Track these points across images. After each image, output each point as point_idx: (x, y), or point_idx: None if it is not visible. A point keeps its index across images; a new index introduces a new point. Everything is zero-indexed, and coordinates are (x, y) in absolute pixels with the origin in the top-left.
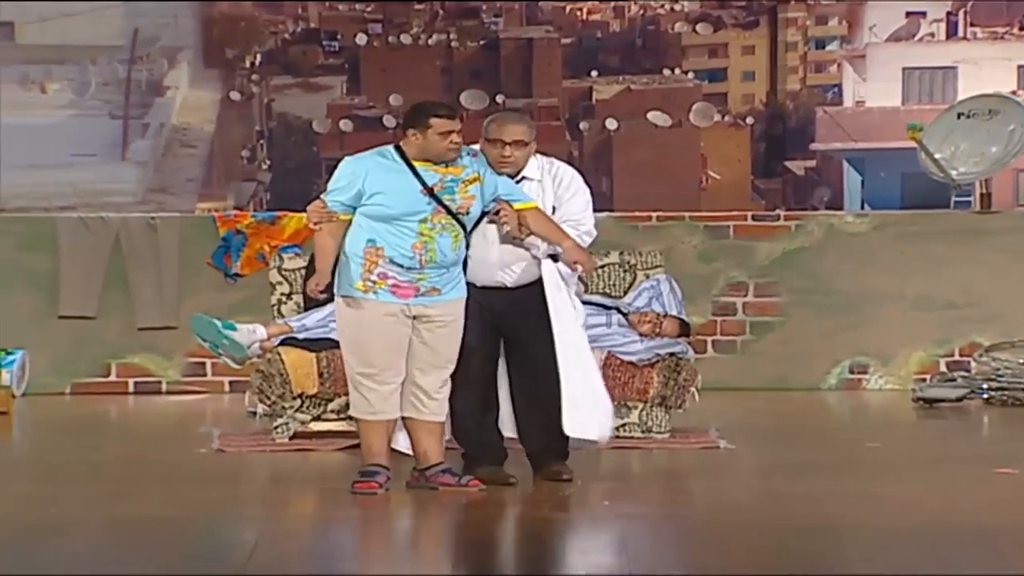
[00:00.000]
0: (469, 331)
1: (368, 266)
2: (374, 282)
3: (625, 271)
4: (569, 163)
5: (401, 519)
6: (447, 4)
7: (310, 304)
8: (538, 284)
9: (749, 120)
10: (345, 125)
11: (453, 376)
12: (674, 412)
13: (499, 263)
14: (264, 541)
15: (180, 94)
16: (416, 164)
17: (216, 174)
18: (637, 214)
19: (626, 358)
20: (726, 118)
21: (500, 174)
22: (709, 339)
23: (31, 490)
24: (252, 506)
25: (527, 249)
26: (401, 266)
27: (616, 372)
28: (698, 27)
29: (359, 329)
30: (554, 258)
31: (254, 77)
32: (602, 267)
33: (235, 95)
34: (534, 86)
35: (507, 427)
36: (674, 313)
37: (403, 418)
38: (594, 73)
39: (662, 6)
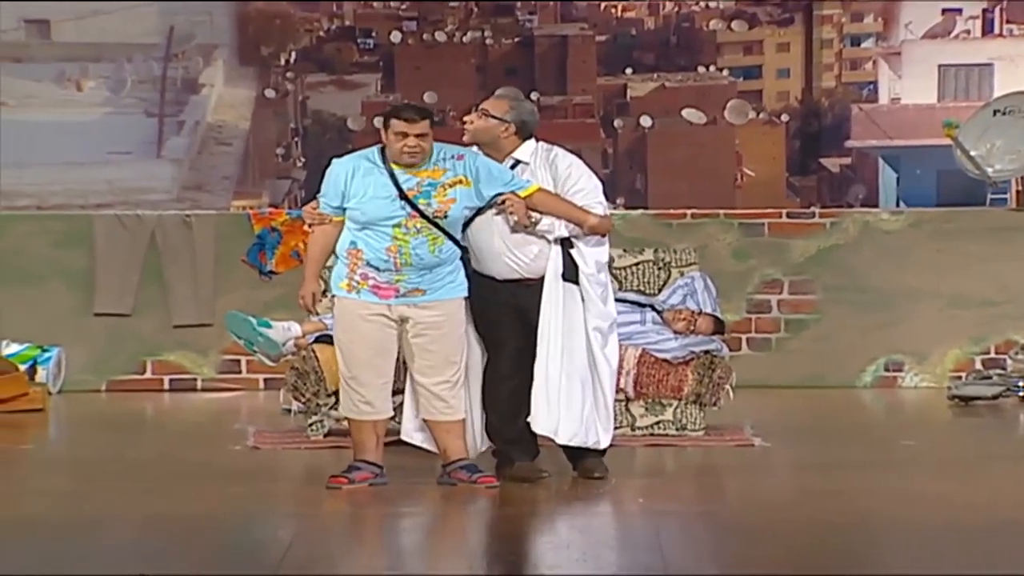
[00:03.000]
0: (497, 326)
1: (352, 266)
2: (358, 282)
3: (659, 268)
4: (603, 160)
5: (435, 517)
6: (482, 2)
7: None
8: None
9: (784, 117)
10: (379, 123)
11: (485, 372)
12: (709, 409)
13: (503, 252)
14: (299, 539)
15: (215, 92)
16: (395, 167)
17: (251, 172)
18: (671, 211)
19: (660, 356)
20: (761, 115)
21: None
22: (744, 336)
23: (66, 487)
24: (287, 504)
25: (542, 236)
26: (377, 268)
27: (651, 370)
28: (733, 24)
29: (345, 328)
30: (568, 243)
31: (289, 75)
32: (636, 264)
33: (270, 93)
34: (569, 83)
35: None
36: (708, 310)
37: (423, 419)
38: (629, 70)
39: (697, 3)
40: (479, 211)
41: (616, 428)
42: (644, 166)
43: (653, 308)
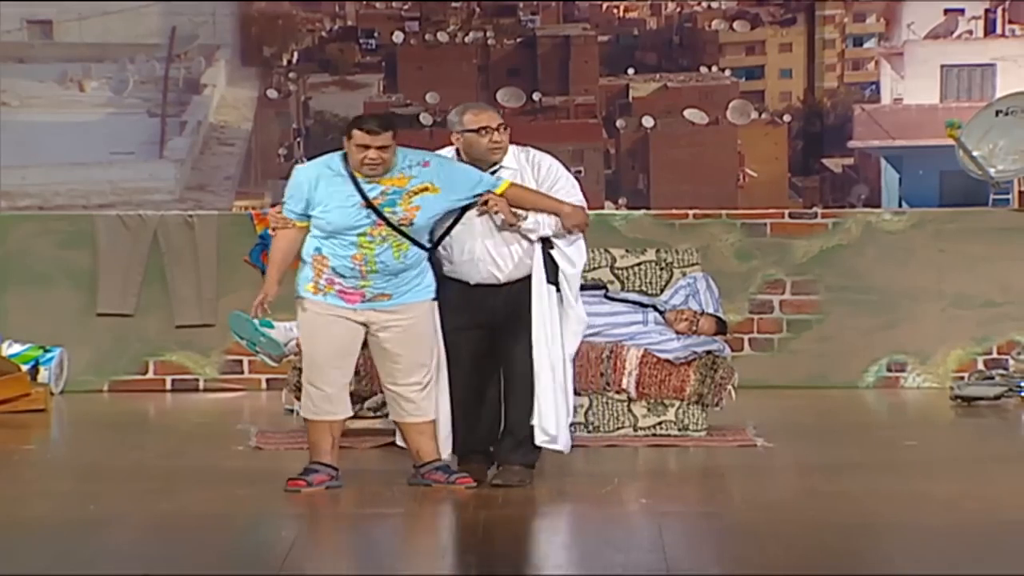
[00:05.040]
0: (463, 337)
1: (318, 271)
2: (324, 286)
3: (662, 269)
4: (605, 161)
5: (436, 517)
6: (484, 2)
7: None
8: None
9: (786, 118)
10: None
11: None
12: (711, 410)
13: (486, 258)
14: (301, 539)
15: (218, 92)
16: (357, 175)
17: (253, 172)
18: (674, 212)
19: (663, 356)
20: (763, 116)
21: (493, 162)
22: (746, 337)
23: (70, 487)
24: (289, 504)
25: (525, 235)
26: (343, 276)
27: (653, 370)
28: (735, 24)
29: (310, 329)
30: (548, 243)
31: (291, 75)
32: (638, 265)
33: (272, 93)
34: (571, 84)
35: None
36: (711, 311)
37: (394, 421)
38: (631, 71)
39: (699, 3)
40: (459, 216)
41: (618, 428)
42: (646, 166)
43: (655, 308)
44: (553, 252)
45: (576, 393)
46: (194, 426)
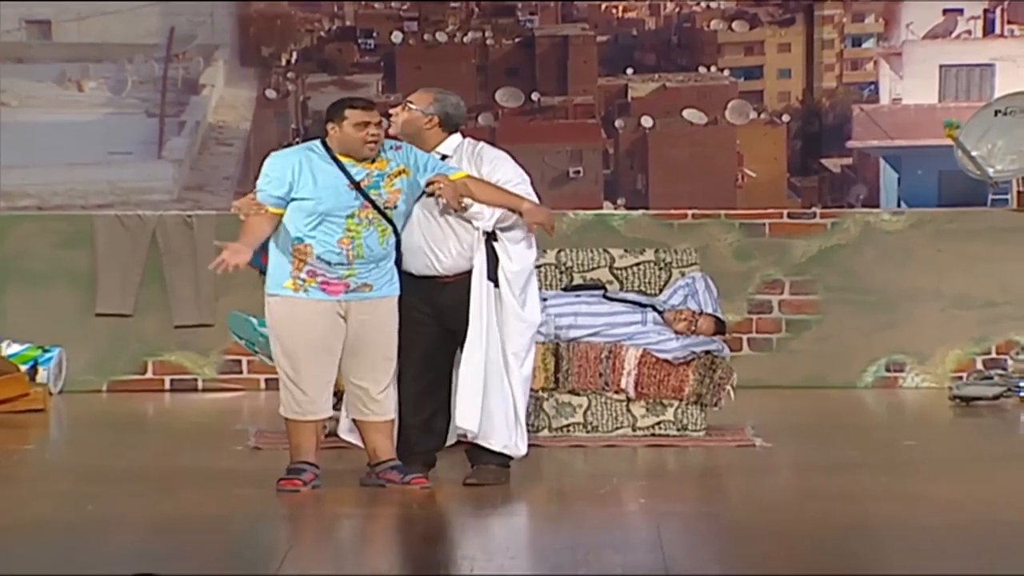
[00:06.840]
0: (409, 326)
1: (297, 264)
2: (304, 280)
3: (660, 269)
4: (604, 161)
5: (436, 518)
6: (482, 2)
7: None
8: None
9: (785, 118)
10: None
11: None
12: (709, 410)
13: (421, 246)
14: (299, 540)
15: (216, 92)
16: (341, 159)
17: (252, 172)
18: (672, 212)
19: (661, 356)
20: (762, 116)
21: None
22: (745, 337)
23: (68, 487)
24: (287, 504)
25: (470, 221)
26: (329, 263)
27: (651, 370)
28: (734, 24)
29: (289, 329)
30: (492, 236)
31: (290, 75)
32: (637, 265)
33: (271, 93)
34: (569, 84)
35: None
36: (709, 311)
37: (352, 419)
38: (630, 71)
39: (698, 3)
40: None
41: (617, 428)
42: (645, 166)
43: (654, 308)
44: (496, 246)
45: (575, 393)
46: (193, 426)
